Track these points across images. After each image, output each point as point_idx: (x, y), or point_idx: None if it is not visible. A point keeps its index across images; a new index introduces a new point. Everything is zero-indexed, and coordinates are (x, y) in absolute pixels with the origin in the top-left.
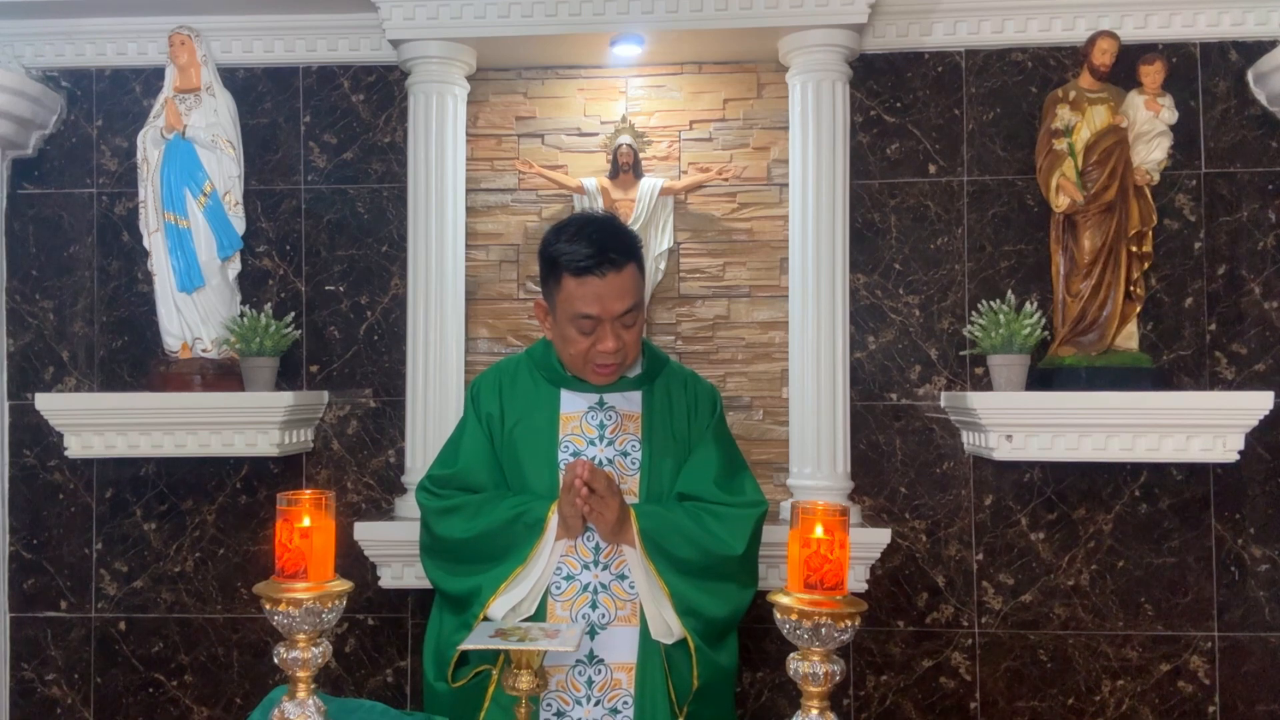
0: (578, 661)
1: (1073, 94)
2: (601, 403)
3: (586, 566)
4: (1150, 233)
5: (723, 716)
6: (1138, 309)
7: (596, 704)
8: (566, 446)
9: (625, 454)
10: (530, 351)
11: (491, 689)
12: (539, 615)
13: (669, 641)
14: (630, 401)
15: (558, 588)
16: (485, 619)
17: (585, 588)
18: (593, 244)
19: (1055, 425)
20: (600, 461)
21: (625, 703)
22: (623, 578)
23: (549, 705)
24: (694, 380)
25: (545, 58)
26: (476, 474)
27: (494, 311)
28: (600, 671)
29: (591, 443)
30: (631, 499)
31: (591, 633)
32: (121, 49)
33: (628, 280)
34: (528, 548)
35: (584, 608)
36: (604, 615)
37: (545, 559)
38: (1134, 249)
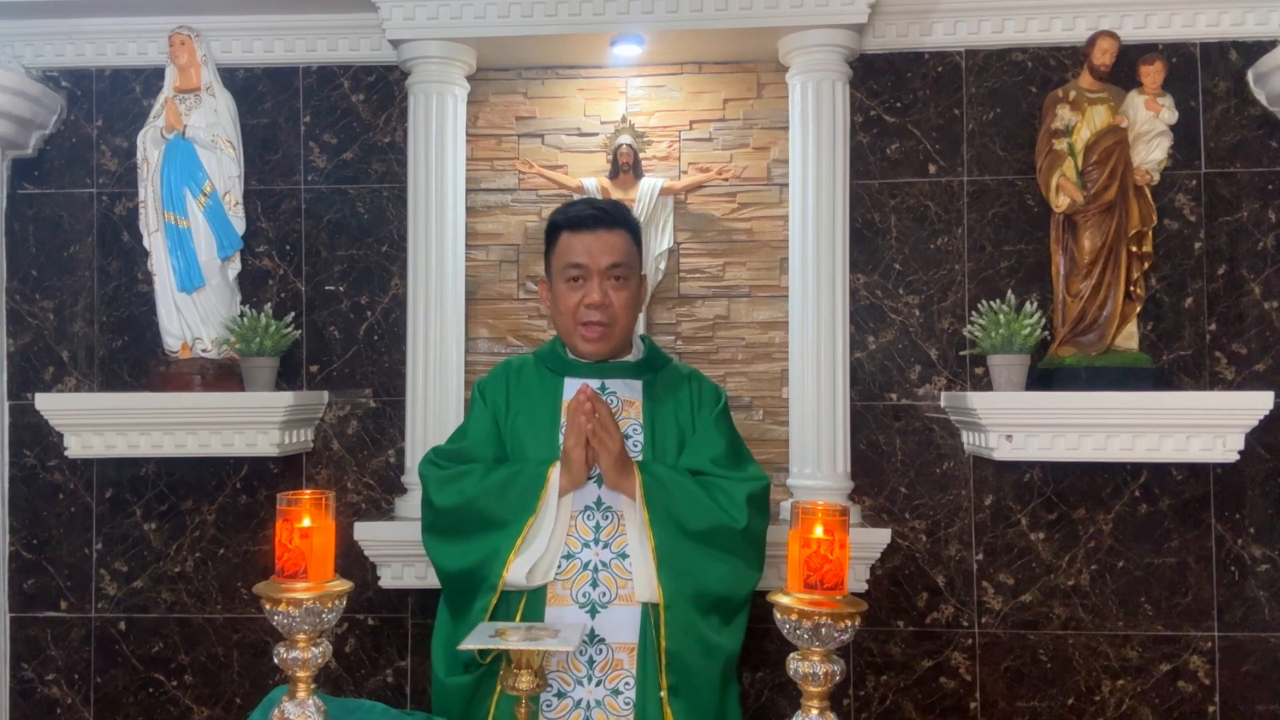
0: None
1: (1073, 94)
2: (604, 388)
3: (586, 545)
4: (1150, 233)
5: (724, 709)
6: (1138, 309)
7: (598, 684)
8: None
9: (627, 437)
10: (538, 351)
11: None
12: (539, 592)
13: (650, 599)
14: (631, 389)
15: (558, 567)
16: (505, 585)
17: (585, 566)
18: (590, 205)
19: (1055, 425)
20: None
21: (627, 683)
22: (623, 556)
23: (550, 686)
24: (698, 377)
25: (545, 58)
26: (483, 449)
27: (494, 311)
28: (601, 651)
29: None
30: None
31: (592, 611)
32: (121, 49)
33: (618, 240)
34: (534, 499)
35: (584, 586)
36: (605, 594)
37: (553, 513)
38: (1134, 249)
